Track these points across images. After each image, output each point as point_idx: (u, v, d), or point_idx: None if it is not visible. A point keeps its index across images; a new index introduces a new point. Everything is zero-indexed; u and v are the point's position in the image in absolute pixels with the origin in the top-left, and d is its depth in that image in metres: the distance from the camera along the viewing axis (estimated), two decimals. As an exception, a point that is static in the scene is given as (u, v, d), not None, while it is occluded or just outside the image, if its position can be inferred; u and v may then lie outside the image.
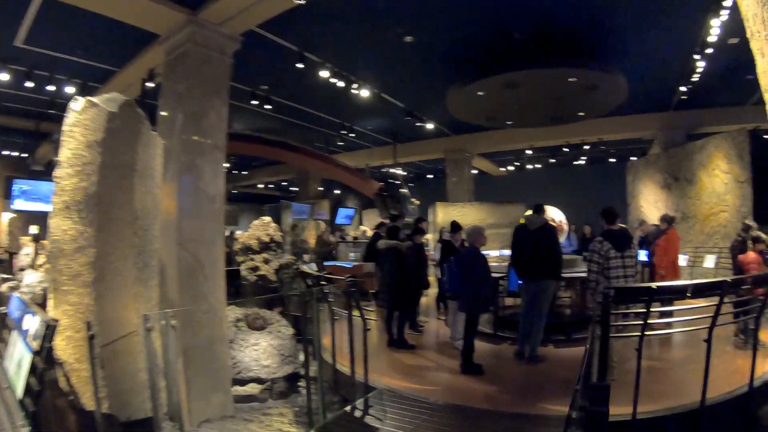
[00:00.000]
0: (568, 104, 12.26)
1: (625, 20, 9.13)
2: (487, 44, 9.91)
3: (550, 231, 6.24)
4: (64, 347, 3.35)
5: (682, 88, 12.22)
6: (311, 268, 10.37)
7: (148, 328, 3.24)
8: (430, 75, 11.85)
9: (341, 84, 10.87)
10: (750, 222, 7.21)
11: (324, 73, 10.27)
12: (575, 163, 24.31)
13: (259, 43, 8.70)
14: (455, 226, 7.83)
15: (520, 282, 6.38)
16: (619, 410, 3.76)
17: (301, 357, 6.68)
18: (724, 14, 7.91)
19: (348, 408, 4.69)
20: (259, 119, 15.05)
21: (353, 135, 17.27)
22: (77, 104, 3.67)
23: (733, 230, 10.32)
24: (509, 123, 15.16)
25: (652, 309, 3.72)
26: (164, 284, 4.67)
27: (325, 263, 11.22)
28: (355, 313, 4.92)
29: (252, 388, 5.80)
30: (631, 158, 20.26)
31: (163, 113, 5.58)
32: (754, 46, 2.92)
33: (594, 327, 3.51)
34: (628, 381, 3.86)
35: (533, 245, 6.01)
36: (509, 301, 8.44)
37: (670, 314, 4.42)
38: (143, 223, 3.76)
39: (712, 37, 8.82)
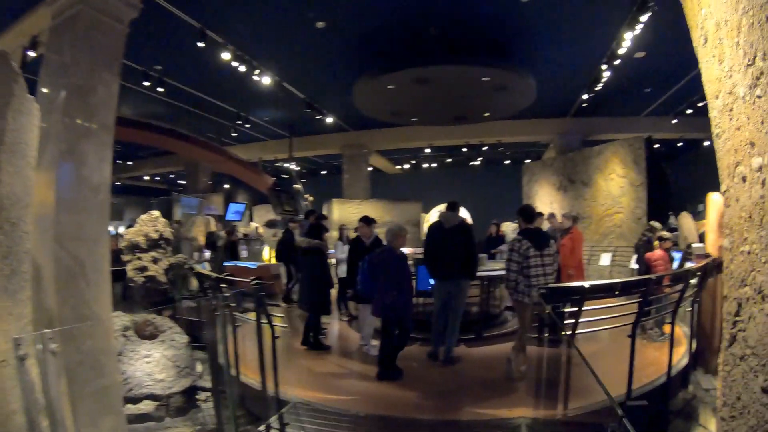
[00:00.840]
0: (476, 104, 12.54)
1: (542, 25, 9.44)
2: (400, 37, 9.80)
3: (466, 229, 6.12)
4: None
5: (585, 96, 13.00)
6: (204, 267, 9.64)
7: (21, 356, 2.52)
8: (338, 65, 11.58)
9: (242, 68, 10.30)
10: (655, 223, 7.71)
11: (225, 55, 9.63)
12: (471, 163, 25.21)
13: (158, 16, 7.97)
14: (368, 220, 7.49)
15: (432, 281, 6.26)
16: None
17: (199, 368, 6.10)
18: (638, 28, 8.41)
19: (262, 427, 4.24)
20: (148, 103, 14.03)
21: (248, 126, 16.61)
22: None
23: (628, 230, 11.11)
24: (413, 120, 15.25)
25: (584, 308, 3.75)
26: (38, 292, 3.88)
27: (225, 263, 10.41)
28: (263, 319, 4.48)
29: (146, 406, 5.13)
30: (526, 161, 21.36)
31: (43, 89, 4.69)
32: (707, 53, 2.92)
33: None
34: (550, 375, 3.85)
35: (449, 244, 5.88)
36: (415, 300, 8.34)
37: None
38: (11, 215, 2.91)
39: (623, 49, 9.37)
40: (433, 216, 18.13)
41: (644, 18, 8.03)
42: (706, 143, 20.01)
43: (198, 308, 7.71)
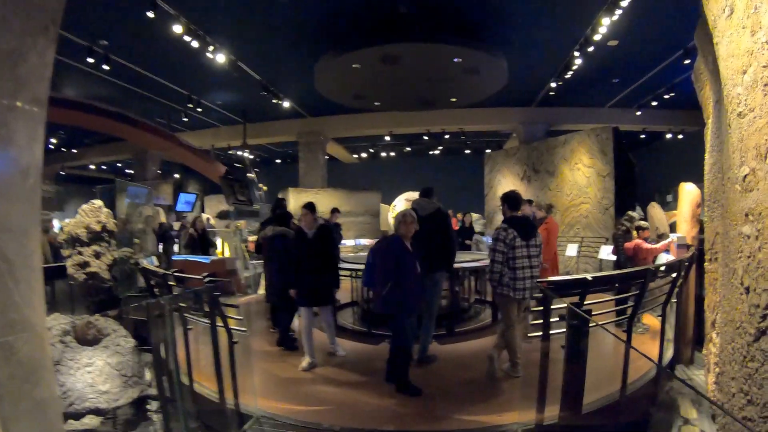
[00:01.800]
0: (444, 87, 12.32)
1: (519, 5, 9.28)
2: (368, 13, 9.47)
3: (443, 217, 5.77)
4: None
5: (553, 84, 13.01)
6: (151, 262, 8.97)
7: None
8: (299, 43, 11.10)
9: (195, 44, 9.68)
10: (633, 213, 7.67)
11: (177, 28, 8.99)
12: (431, 152, 25.11)
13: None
14: (311, 207, 6.28)
15: None
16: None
17: (149, 375, 5.60)
18: (618, 13, 8.36)
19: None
20: (93, 83, 13.24)
21: (200, 110, 15.91)
22: None
23: (594, 221, 11.15)
24: (376, 104, 14.94)
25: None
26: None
27: (174, 258, 9.66)
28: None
29: (90, 421, 4.61)
30: (487, 150, 21.43)
31: (-34, 52, 4.08)
32: (733, 24, 2.75)
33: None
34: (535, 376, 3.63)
35: (424, 233, 5.31)
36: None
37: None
38: None
39: (598, 35, 9.32)
40: (399, 204, 17.89)
41: (625, 3, 7.98)
42: (669, 135, 20.62)
43: (145, 307, 7.15)
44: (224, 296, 4.77)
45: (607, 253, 9.03)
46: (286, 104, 15.23)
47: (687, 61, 11.49)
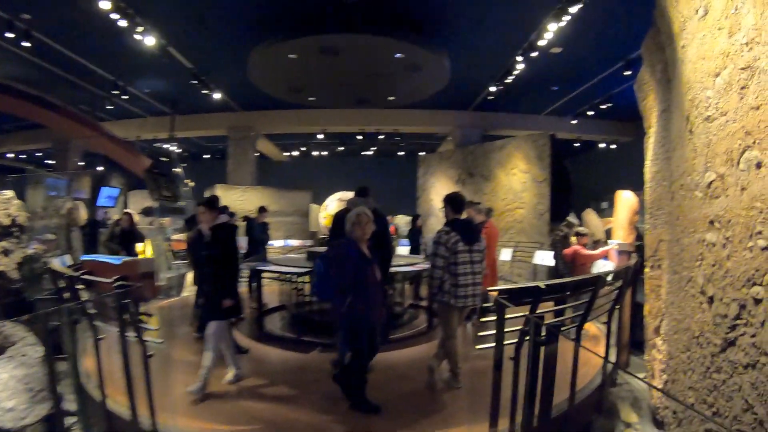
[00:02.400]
0: (384, 84, 12.19)
1: (465, 5, 9.24)
2: (309, 2, 9.15)
3: (382, 219, 5.42)
4: None
5: (493, 89, 13.17)
6: (63, 263, 8.08)
7: None
8: (234, 30, 10.63)
9: (123, 23, 9.09)
10: (572, 219, 7.81)
11: (104, 4, 8.39)
12: (364, 153, 25.01)
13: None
14: (211, 204, 6.09)
15: None
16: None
17: (61, 387, 5.05)
18: (565, 19, 8.48)
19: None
20: (11, 62, 12.22)
21: (126, 98, 15.00)
22: None
23: (529, 226, 11.36)
24: (311, 99, 14.64)
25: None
26: None
27: (83, 257, 8.66)
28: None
29: (-6, 443, 4.06)
30: (420, 153, 21.54)
31: None
32: (707, 25, 2.73)
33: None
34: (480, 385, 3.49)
35: None
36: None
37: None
38: None
39: (543, 41, 9.44)
40: (331, 205, 17.55)
41: (574, 9, 8.10)
42: (602, 145, 21.55)
43: (57, 313, 6.47)
44: (138, 302, 4.28)
45: (541, 258, 9.17)
46: (217, 96, 14.60)
47: (627, 73, 12.01)
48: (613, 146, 21.25)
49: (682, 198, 3.40)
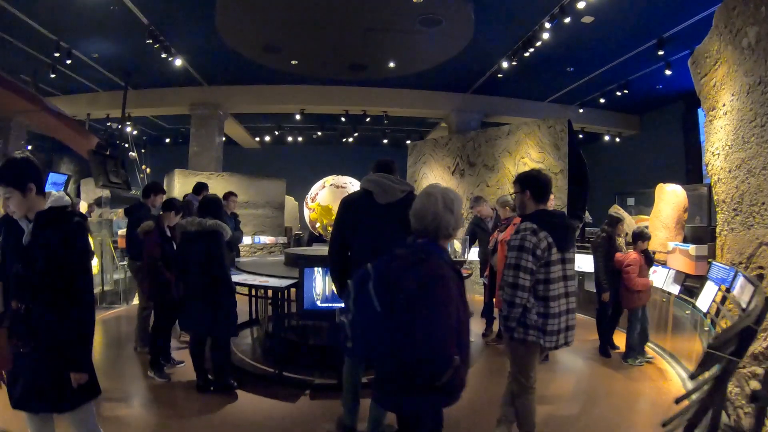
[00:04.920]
0: (387, 43, 10.89)
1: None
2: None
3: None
4: None
5: (505, 64, 12.35)
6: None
7: None
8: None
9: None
10: (618, 213, 6.79)
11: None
12: (344, 140, 23.88)
13: None
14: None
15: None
16: None
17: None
18: None
19: None
20: None
21: (69, 62, 13.35)
22: None
23: (542, 222, 10.37)
24: (293, 63, 13.37)
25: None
26: None
27: None
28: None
29: None
30: (408, 141, 20.55)
31: None
32: None
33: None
34: None
35: (387, 232, 3.48)
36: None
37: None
38: None
39: (581, 1, 8.68)
40: (321, 193, 15.08)
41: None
42: (606, 138, 20.79)
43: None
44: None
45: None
46: (178, 62, 13.12)
47: (661, 52, 11.40)
48: (617, 140, 20.50)
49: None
